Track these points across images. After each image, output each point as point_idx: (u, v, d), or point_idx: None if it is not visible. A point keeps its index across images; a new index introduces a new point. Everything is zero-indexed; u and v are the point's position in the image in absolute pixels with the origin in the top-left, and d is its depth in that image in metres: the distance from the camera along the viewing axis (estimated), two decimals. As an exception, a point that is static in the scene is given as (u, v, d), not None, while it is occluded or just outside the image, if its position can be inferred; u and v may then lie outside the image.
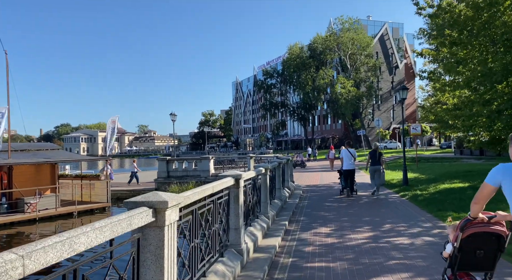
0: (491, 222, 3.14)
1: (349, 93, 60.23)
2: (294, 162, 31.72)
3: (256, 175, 6.72)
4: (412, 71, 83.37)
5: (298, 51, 70.05)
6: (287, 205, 10.25)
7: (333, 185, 16.29)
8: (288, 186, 12.42)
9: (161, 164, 20.86)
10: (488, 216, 3.17)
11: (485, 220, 3.13)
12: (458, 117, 11.46)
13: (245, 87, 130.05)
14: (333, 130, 79.03)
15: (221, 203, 4.56)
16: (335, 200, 11.69)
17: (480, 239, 3.20)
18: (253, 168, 22.13)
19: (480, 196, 2.93)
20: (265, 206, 7.36)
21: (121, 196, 20.60)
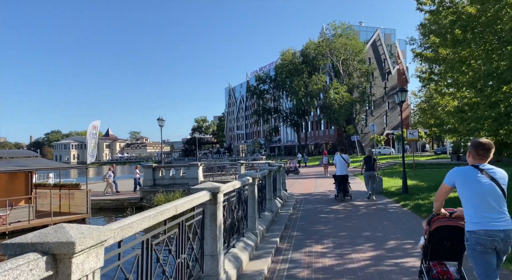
0: (452, 217, 3.75)
1: (342, 98, 59.81)
2: (287, 168, 30.83)
3: (242, 185, 5.77)
4: (404, 77, 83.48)
5: (290, 57, 69.74)
6: (278, 217, 9.28)
7: (328, 193, 15.37)
8: (280, 195, 11.47)
9: (146, 172, 19.76)
10: (450, 211, 3.82)
11: (447, 215, 3.78)
12: (463, 120, 10.65)
13: (238, 93, 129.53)
14: (326, 136, 78.51)
15: (192, 225, 3.60)
16: (332, 210, 10.76)
17: (445, 231, 3.74)
18: (244, 175, 21.21)
19: (439, 194, 3.68)
20: (253, 221, 6.40)
21: (104, 206, 19.46)
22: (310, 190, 17.15)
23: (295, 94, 66.30)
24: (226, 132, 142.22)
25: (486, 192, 3.23)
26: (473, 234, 3.22)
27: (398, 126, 76.59)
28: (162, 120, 23.65)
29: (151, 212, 2.61)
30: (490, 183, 3.24)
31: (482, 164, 3.37)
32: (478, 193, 3.25)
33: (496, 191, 3.24)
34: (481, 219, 3.21)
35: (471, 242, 3.22)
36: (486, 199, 3.22)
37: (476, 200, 3.26)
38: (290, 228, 8.29)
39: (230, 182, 5.40)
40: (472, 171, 3.33)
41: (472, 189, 3.28)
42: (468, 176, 3.32)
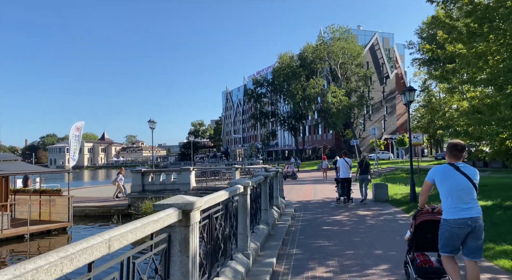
0: (434, 212, 4.43)
1: (340, 102, 58.98)
2: (285, 173, 29.74)
3: (230, 196, 4.66)
4: (403, 81, 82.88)
5: (288, 60, 69.05)
6: (275, 229, 8.16)
7: (328, 201, 14.26)
8: (277, 204, 10.36)
9: (135, 177, 18.57)
10: (432, 207, 4.58)
11: (429, 210, 4.51)
12: (482, 122, 9.60)
13: (235, 97, 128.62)
14: (324, 140, 77.56)
15: (151, 259, 2.49)
16: (335, 221, 9.64)
17: (428, 225, 4.37)
18: (239, 181, 20.06)
19: (423, 190, 4.36)
20: (244, 239, 5.28)
21: (89, 213, 18.25)
22: (309, 197, 16.04)
23: (292, 98, 65.52)
24: (223, 136, 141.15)
25: (460, 186, 3.84)
26: (446, 222, 3.90)
27: (396, 131, 75.85)
28: (153, 123, 22.53)
29: (61, 254, 1.50)
30: (464, 178, 3.86)
31: (457, 162, 3.98)
32: (453, 187, 3.86)
33: (468, 185, 3.85)
34: (454, 210, 3.82)
35: (443, 227, 3.96)
36: (459, 192, 3.83)
37: (451, 193, 3.87)
38: (289, 243, 7.17)
39: (216, 192, 4.29)
40: (449, 168, 3.95)
41: (449, 184, 3.89)
42: (445, 173, 3.97)
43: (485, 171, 21.42)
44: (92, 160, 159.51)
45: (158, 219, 2.50)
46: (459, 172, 3.91)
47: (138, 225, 2.20)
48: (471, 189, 3.89)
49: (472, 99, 12.91)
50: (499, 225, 7.63)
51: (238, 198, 5.30)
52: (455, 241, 3.91)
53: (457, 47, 11.36)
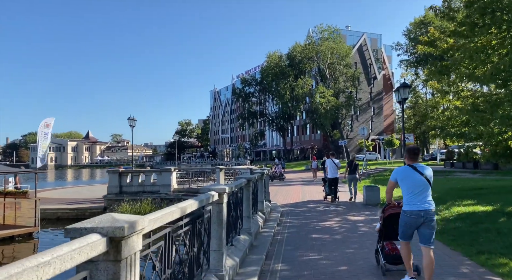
0: (400, 206, 4.93)
1: (328, 103, 58.53)
2: (272, 174, 28.88)
3: (200, 206, 3.72)
4: (390, 82, 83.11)
5: (277, 60, 68.36)
6: (259, 239, 7.24)
7: (317, 204, 13.42)
8: (262, 209, 9.45)
9: (112, 177, 17.40)
10: (398, 201, 5.20)
11: (395, 204, 5.16)
12: (484, 120, 8.87)
13: (223, 96, 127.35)
14: (312, 141, 77.12)
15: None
16: (325, 228, 8.78)
17: (395, 217, 4.92)
18: (224, 182, 19.03)
19: (388, 188, 5.18)
20: (219, 257, 4.34)
21: (62, 216, 17.05)
22: (296, 199, 15.17)
23: (281, 98, 64.86)
24: (210, 136, 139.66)
25: (417, 184, 4.55)
26: (404, 212, 4.64)
27: (383, 132, 75.91)
28: (133, 120, 21.34)
29: None
30: (420, 177, 4.55)
31: (414, 163, 4.68)
32: (411, 185, 4.57)
33: (424, 182, 4.55)
34: (411, 203, 4.54)
35: (402, 217, 4.67)
36: (416, 189, 4.53)
37: (409, 189, 4.58)
38: (274, 257, 6.25)
39: (179, 203, 3.35)
40: (408, 169, 4.66)
41: (408, 182, 4.61)
42: (405, 173, 4.68)
43: (476, 173, 20.97)
44: (76, 159, 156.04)
45: (64, 254, 1.54)
46: (416, 171, 4.59)
47: (28, 266, 1.25)
48: (426, 186, 4.56)
49: (468, 98, 12.27)
50: (506, 234, 6.89)
51: (212, 207, 4.36)
52: (410, 229, 4.59)
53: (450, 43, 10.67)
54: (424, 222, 4.47)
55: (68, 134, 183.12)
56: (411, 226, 4.55)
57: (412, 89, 76.36)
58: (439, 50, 12.75)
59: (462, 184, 14.92)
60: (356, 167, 13.95)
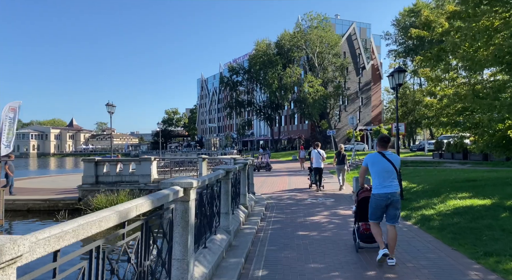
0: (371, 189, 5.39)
1: (317, 92, 57.86)
2: (259, 164, 28.16)
3: (155, 206, 2.85)
4: (378, 72, 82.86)
5: (265, 48, 67.07)
6: (240, 238, 6.44)
7: (305, 196, 12.69)
8: (244, 203, 8.63)
9: (87, 166, 16.30)
10: (369, 186, 5.54)
11: (368, 188, 5.58)
12: (490, 107, 8.15)
13: (210, 85, 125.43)
14: (299, 130, 76.63)
15: None
16: (314, 224, 8.02)
17: (368, 200, 5.37)
18: (208, 172, 18.15)
19: (361, 173, 5.56)
20: (183, 268, 3.50)
21: (33, 207, 15.93)
22: (283, 191, 14.42)
23: (268, 87, 63.86)
24: (198, 125, 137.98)
25: (385, 169, 5.08)
26: (373, 195, 5.18)
27: (371, 122, 75.81)
28: (112, 106, 20.11)
29: None
30: (388, 163, 5.10)
31: (384, 150, 5.28)
32: (380, 170, 5.11)
33: (391, 168, 5.09)
34: (379, 186, 5.08)
35: (371, 199, 5.20)
36: (384, 174, 5.07)
37: (378, 174, 5.11)
38: (255, 260, 5.45)
39: (113, 207, 2.48)
40: (378, 156, 5.21)
41: (377, 167, 5.14)
42: (375, 159, 5.22)
43: (466, 164, 20.59)
44: (59, 147, 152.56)
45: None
46: (385, 158, 5.08)
47: None
48: (393, 172, 5.06)
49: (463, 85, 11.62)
50: (509, 229, 6.25)
51: (175, 206, 3.50)
52: (379, 210, 5.07)
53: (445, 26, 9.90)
54: (391, 203, 5.06)
55: (52, 122, 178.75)
56: (380, 207, 5.10)
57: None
58: (435, 34, 12.00)
59: (454, 175, 14.41)
60: (344, 157, 14.61)
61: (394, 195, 5.03)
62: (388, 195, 5.01)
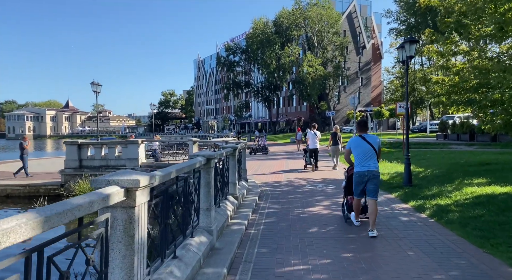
0: None
1: (316, 72, 56.19)
2: (255, 146, 27.09)
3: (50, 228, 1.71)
4: (379, 52, 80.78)
5: (262, 26, 64.76)
6: (225, 237, 5.38)
7: (302, 183, 11.63)
8: (234, 193, 7.54)
9: (70, 149, 15.17)
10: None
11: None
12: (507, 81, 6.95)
13: (207, 66, 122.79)
14: (298, 112, 75.30)
15: None
16: (313, 217, 6.96)
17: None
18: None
19: (345, 155, 6.38)
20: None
21: (12, 193, 14.92)
22: (279, 176, 13.36)
23: (266, 67, 62.04)
24: (195, 107, 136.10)
25: (364, 151, 5.77)
26: (355, 173, 5.89)
27: (371, 103, 74.36)
28: (97, 85, 18.72)
29: None
30: (368, 145, 5.78)
31: (364, 133, 6.00)
32: (360, 151, 5.81)
33: (370, 150, 5.77)
34: (360, 165, 5.79)
35: (354, 177, 5.92)
36: (364, 154, 5.78)
37: (359, 155, 5.82)
38: (240, 268, 4.39)
39: None
40: (358, 139, 5.92)
41: (358, 149, 5.84)
42: (356, 142, 5.92)
43: (473, 145, 19.52)
44: (55, 128, 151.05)
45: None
46: (365, 141, 5.85)
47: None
48: (372, 152, 5.82)
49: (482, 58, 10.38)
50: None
51: (112, 215, 2.39)
52: (360, 186, 5.88)
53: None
54: (369, 180, 5.72)
55: (47, 104, 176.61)
56: (360, 183, 5.80)
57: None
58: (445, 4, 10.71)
59: (464, 158, 13.33)
60: (339, 138, 14.75)
61: (371, 172, 5.75)
62: (366, 172, 5.76)
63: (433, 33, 12.54)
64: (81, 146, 15.38)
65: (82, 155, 15.35)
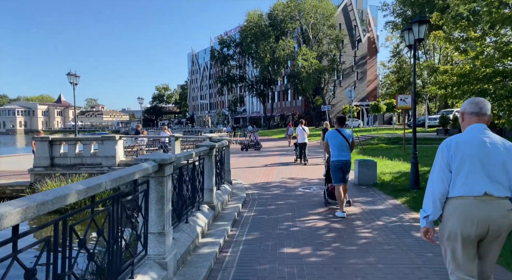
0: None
1: (311, 66, 54.85)
2: (247, 142, 25.84)
3: None
4: (374, 46, 79.48)
5: (256, 19, 63.17)
6: (189, 265, 4.07)
7: (297, 183, 10.35)
8: (210, 201, 6.23)
9: (40, 146, 13.74)
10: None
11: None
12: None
13: (201, 60, 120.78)
14: (293, 107, 73.99)
15: None
16: (304, 232, 5.67)
17: None
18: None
19: (324, 147, 7.29)
20: None
21: (-24, 195, 13.48)
22: (270, 176, 12.07)
23: (261, 61, 60.58)
24: (189, 102, 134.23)
25: (339, 143, 6.69)
26: (332, 162, 6.75)
27: (366, 98, 73.22)
28: (75, 77, 17.24)
29: None
30: (342, 138, 6.71)
31: (340, 128, 6.87)
32: (336, 143, 6.71)
33: (344, 142, 6.70)
34: (336, 155, 6.70)
35: (332, 166, 6.75)
36: (339, 146, 6.69)
37: (335, 147, 6.72)
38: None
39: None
40: (335, 132, 6.79)
41: (334, 141, 6.73)
42: (333, 135, 6.78)
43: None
44: (47, 123, 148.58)
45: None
46: (340, 134, 6.75)
47: None
48: (346, 144, 6.72)
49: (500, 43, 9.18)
50: None
51: None
52: (337, 173, 6.64)
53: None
54: (342, 168, 6.68)
55: (40, 98, 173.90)
56: (338, 170, 6.67)
57: (397, 53, 73.22)
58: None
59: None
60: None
61: (346, 162, 6.67)
62: (343, 161, 6.64)
63: (441, 17, 11.29)
64: (53, 142, 13.97)
65: (54, 152, 13.94)
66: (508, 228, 2.41)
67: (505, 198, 2.40)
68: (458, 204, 2.42)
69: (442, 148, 2.57)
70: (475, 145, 2.46)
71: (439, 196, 2.49)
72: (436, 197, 2.49)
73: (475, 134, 2.51)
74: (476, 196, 2.38)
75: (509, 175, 2.41)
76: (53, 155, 13.93)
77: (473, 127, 2.56)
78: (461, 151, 2.45)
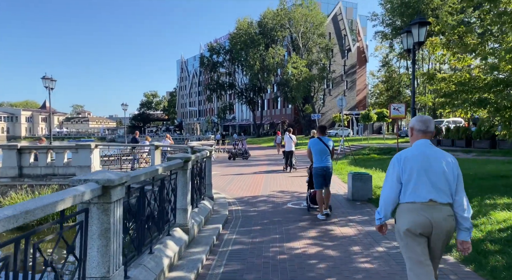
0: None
1: (301, 74, 54.57)
2: (236, 151, 25.00)
3: None
4: (364, 55, 79.92)
5: (246, 27, 62.93)
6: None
7: (285, 198, 9.51)
8: (184, 223, 5.34)
9: (7, 155, 12.63)
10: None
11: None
12: None
13: (191, 67, 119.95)
14: (283, 115, 73.52)
15: None
16: (293, 262, 4.80)
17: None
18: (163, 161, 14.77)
19: (308, 154, 7.60)
20: None
21: None
22: (257, 189, 11.20)
23: (250, 68, 60.14)
24: (178, 109, 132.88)
25: (320, 149, 7.23)
26: (314, 168, 7.27)
27: (355, 107, 73.21)
28: (50, 81, 16.18)
29: None
30: (323, 145, 7.24)
31: (322, 136, 7.40)
32: (317, 150, 7.24)
33: (325, 149, 7.24)
34: (318, 161, 7.21)
35: (314, 172, 7.27)
36: (321, 153, 7.22)
37: (317, 153, 7.25)
38: None
39: None
40: (317, 140, 7.35)
41: (316, 148, 7.26)
42: (314, 143, 7.34)
43: (470, 152, 17.84)
44: (31, 130, 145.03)
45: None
46: (321, 142, 7.28)
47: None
48: (327, 151, 7.26)
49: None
50: None
51: None
52: (319, 179, 7.15)
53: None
54: (325, 174, 7.22)
55: (24, 104, 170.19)
56: (319, 176, 7.16)
57: (386, 63, 73.71)
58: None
59: (472, 169, 11.46)
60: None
61: (327, 167, 7.28)
62: (324, 167, 7.24)
63: (437, 23, 10.77)
64: (22, 150, 12.86)
65: (23, 162, 12.83)
66: (448, 232, 2.75)
67: (447, 204, 2.75)
68: (408, 206, 2.81)
69: (393, 162, 2.92)
70: (420, 158, 2.82)
71: (390, 203, 2.91)
72: (387, 204, 2.92)
73: (421, 149, 2.87)
74: (423, 202, 2.75)
75: (449, 183, 2.77)
76: (22, 165, 12.83)
77: (419, 143, 2.91)
78: (409, 164, 2.81)
